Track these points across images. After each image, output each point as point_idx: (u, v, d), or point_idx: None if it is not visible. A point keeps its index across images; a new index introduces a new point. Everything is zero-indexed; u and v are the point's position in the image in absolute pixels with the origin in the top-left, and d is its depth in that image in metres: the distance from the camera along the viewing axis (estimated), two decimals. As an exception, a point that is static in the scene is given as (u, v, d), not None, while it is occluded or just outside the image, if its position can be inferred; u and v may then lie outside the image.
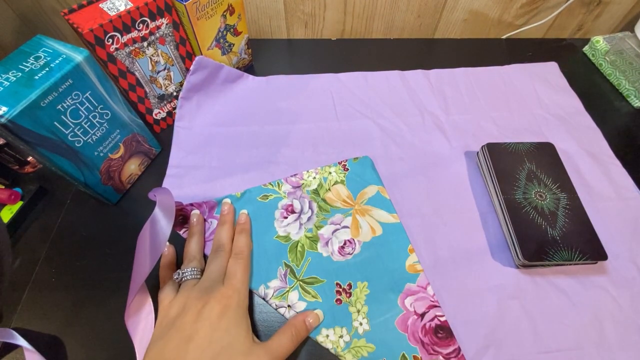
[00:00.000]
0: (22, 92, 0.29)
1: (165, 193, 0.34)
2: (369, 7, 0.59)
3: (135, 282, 0.31)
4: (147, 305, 0.33)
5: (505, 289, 0.36)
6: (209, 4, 0.43)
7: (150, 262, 0.31)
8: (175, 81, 0.47)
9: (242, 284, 0.32)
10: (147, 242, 0.32)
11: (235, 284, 0.32)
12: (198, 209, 0.38)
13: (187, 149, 0.46)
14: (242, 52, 0.53)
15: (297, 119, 0.49)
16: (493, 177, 0.41)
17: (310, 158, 0.45)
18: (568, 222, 0.37)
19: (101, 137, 0.36)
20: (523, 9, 0.61)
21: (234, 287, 0.31)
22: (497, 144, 0.43)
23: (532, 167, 0.41)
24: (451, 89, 0.53)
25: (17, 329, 0.33)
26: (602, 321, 0.34)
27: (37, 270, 0.37)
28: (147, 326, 0.32)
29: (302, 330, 0.32)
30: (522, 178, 0.40)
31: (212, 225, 0.39)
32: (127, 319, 0.32)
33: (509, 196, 0.39)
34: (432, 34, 0.65)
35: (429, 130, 0.48)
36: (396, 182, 0.43)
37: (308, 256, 0.37)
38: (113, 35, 0.37)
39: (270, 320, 0.34)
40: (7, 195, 0.39)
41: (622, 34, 0.56)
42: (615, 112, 0.52)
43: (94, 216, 0.41)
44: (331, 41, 0.62)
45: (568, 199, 0.39)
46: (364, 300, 0.35)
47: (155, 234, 0.32)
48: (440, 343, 0.32)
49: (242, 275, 0.33)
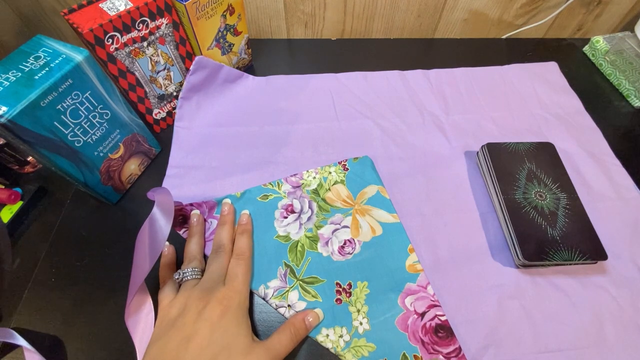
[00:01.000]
0: (22, 92, 0.29)
1: (164, 192, 0.34)
2: (369, 7, 0.59)
3: (135, 281, 0.31)
4: (147, 304, 0.33)
5: (505, 289, 0.36)
6: (209, 4, 0.43)
7: (149, 261, 0.31)
8: (175, 81, 0.47)
9: (243, 285, 0.32)
10: (146, 242, 0.32)
11: (237, 285, 0.32)
12: (198, 209, 0.38)
13: (187, 149, 0.46)
14: (242, 52, 0.53)
15: (297, 119, 0.49)
16: (493, 177, 0.41)
17: (310, 158, 0.45)
18: (568, 222, 0.37)
19: (101, 137, 0.36)
20: (523, 9, 0.61)
21: (235, 288, 0.31)
22: (497, 143, 0.43)
23: (532, 167, 0.41)
24: (451, 89, 0.53)
25: (17, 328, 0.33)
26: (602, 321, 0.34)
27: (37, 270, 0.37)
28: (147, 326, 0.32)
29: (301, 329, 0.32)
30: (522, 178, 0.40)
31: (212, 225, 0.39)
32: (127, 318, 0.32)
33: (509, 196, 0.39)
34: (432, 34, 0.65)
35: (429, 130, 0.48)
36: (396, 182, 0.43)
37: (308, 256, 0.37)
38: (113, 35, 0.37)
39: (270, 320, 0.34)
40: (7, 195, 0.39)
41: (622, 34, 0.56)
42: (615, 112, 0.52)
43: (94, 216, 0.41)
44: (331, 41, 0.62)
45: (568, 199, 0.39)
46: (364, 299, 0.35)
47: (154, 233, 0.32)
48: (441, 342, 0.32)
49: (243, 277, 0.33)
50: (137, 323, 0.32)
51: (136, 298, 0.33)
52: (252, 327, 0.31)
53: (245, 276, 0.33)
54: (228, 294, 0.30)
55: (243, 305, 0.31)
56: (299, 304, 0.34)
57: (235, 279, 0.32)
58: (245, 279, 0.33)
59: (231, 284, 0.31)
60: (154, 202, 0.34)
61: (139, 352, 0.31)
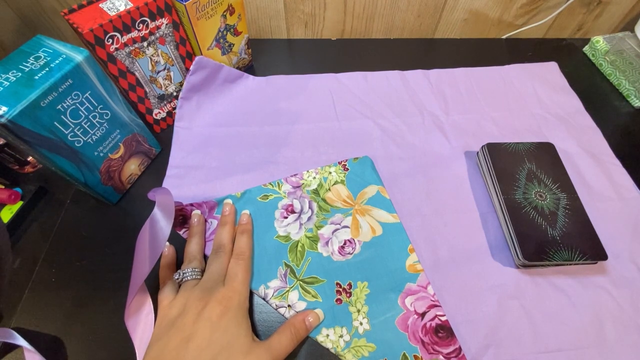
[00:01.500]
0: (22, 92, 0.29)
1: (164, 193, 0.34)
2: (369, 7, 0.59)
3: (135, 282, 0.31)
4: (147, 305, 0.33)
5: (505, 289, 0.36)
6: (209, 4, 0.43)
7: (149, 262, 0.31)
8: (175, 81, 0.47)
9: (242, 285, 0.32)
10: (146, 242, 0.32)
11: (236, 285, 0.32)
12: (198, 209, 0.38)
13: (187, 149, 0.46)
14: (242, 52, 0.53)
15: (297, 119, 0.49)
16: (493, 177, 0.41)
17: (310, 158, 0.45)
18: (568, 222, 0.37)
19: (101, 137, 0.36)
20: (523, 9, 0.61)
21: (235, 288, 0.31)
22: (497, 144, 0.43)
23: (532, 167, 0.41)
24: (451, 89, 0.53)
25: (17, 329, 0.33)
26: (602, 321, 0.34)
27: (37, 270, 0.37)
28: (146, 326, 0.32)
29: (301, 329, 0.32)
30: (522, 178, 0.40)
31: (212, 225, 0.38)
32: (126, 318, 0.32)
33: (509, 196, 0.39)
34: (432, 34, 0.65)
35: (429, 130, 0.48)
36: (396, 182, 0.43)
37: (308, 256, 0.37)
38: (113, 35, 0.37)
39: (270, 320, 0.34)
40: (7, 195, 0.39)
41: (622, 34, 0.56)
42: (615, 112, 0.52)
43: (94, 216, 0.41)
44: (331, 41, 0.62)
45: (568, 199, 0.39)
46: (364, 300, 0.35)
47: (154, 234, 0.32)
48: (441, 343, 0.32)
49: (243, 277, 0.33)
50: (137, 324, 0.32)
51: (136, 298, 0.33)
52: (252, 327, 0.31)
53: (245, 276, 0.33)
54: (228, 294, 0.30)
55: (243, 305, 0.31)
56: (299, 304, 0.34)
57: (235, 279, 0.32)
58: (245, 278, 0.33)
59: (231, 284, 0.31)
60: (154, 202, 0.34)
61: (138, 353, 0.31)
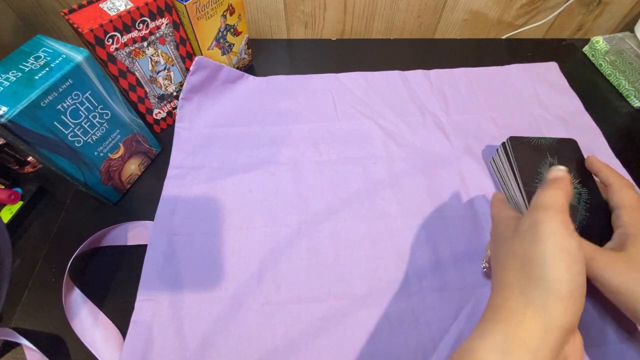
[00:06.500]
0: (22, 92, 0.29)
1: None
2: (369, 7, 0.59)
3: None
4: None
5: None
6: (209, 4, 0.43)
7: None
8: (175, 81, 0.47)
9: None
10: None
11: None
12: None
13: (187, 150, 0.46)
14: (242, 52, 0.53)
15: (298, 119, 0.49)
16: (515, 169, 0.40)
17: (310, 158, 0.45)
18: (588, 217, 0.37)
19: (101, 137, 0.36)
20: (523, 9, 0.61)
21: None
22: (520, 137, 0.42)
23: (554, 161, 0.41)
24: (451, 89, 0.53)
25: (16, 328, 0.33)
26: (604, 321, 0.34)
27: (37, 270, 0.37)
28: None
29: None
30: (543, 171, 0.40)
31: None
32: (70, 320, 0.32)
33: (531, 188, 0.39)
34: (432, 34, 0.65)
35: (430, 130, 0.48)
36: (397, 182, 0.43)
37: None
38: (113, 35, 0.37)
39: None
40: (7, 195, 0.39)
41: (622, 34, 0.56)
42: (615, 112, 0.52)
43: (94, 216, 0.41)
44: (331, 41, 0.62)
45: (589, 194, 0.38)
46: None
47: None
48: None
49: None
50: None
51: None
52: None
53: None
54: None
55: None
56: None
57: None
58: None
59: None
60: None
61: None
